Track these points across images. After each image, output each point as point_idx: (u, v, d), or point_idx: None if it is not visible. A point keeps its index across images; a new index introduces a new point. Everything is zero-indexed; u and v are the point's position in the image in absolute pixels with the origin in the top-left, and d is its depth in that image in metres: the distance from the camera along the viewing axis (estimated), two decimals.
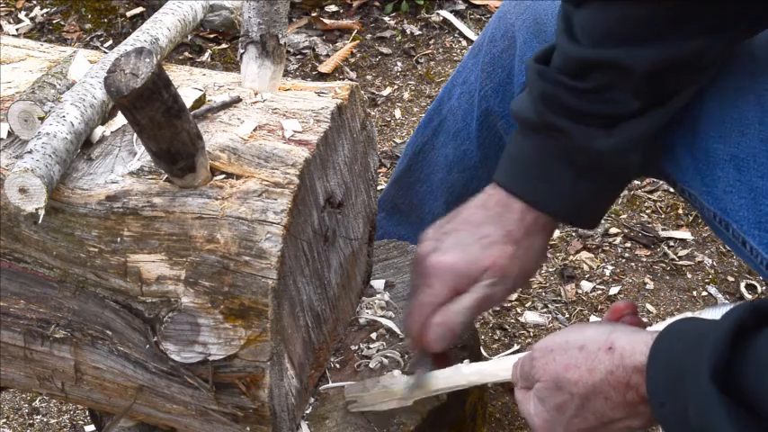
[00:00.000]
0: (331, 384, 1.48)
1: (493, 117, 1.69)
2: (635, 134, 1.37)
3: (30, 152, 1.28)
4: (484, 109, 1.70)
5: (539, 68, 1.39)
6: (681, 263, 2.37)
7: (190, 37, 3.07)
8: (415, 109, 2.86)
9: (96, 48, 3.10)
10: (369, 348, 1.53)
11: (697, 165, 1.42)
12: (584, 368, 1.20)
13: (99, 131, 1.40)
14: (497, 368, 1.36)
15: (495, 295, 1.41)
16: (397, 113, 2.87)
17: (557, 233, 2.48)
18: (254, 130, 1.37)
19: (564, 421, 1.23)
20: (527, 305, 2.31)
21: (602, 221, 2.50)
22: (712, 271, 2.34)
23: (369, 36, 3.12)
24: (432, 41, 3.09)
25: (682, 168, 1.44)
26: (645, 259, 2.39)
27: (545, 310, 2.29)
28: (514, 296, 2.33)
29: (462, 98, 1.75)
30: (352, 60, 3.04)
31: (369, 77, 2.99)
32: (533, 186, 1.40)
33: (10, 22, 3.25)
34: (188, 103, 1.32)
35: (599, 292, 2.32)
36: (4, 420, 2.15)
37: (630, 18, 1.32)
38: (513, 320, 2.29)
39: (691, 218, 2.46)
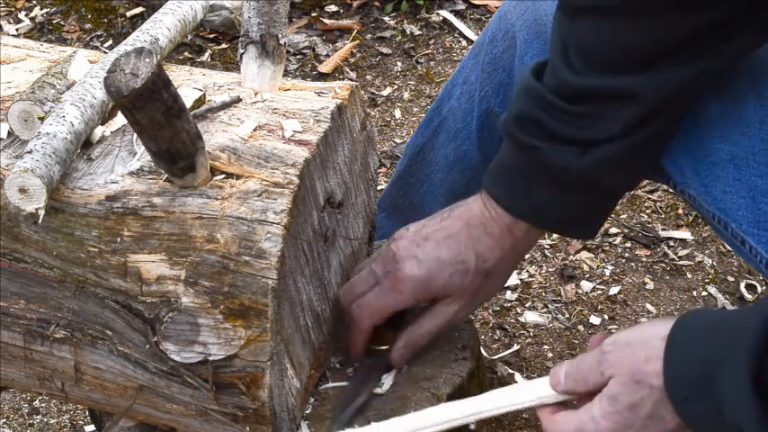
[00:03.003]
0: (331, 384, 1.47)
1: (493, 117, 1.69)
2: (607, 157, 1.37)
3: (30, 152, 1.28)
4: (484, 109, 1.70)
5: (527, 84, 1.39)
6: (681, 263, 2.37)
7: (190, 37, 3.07)
8: (415, 109, 2.86)
9: (96, 48, 3.10)
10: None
11: (696, 165, 1.42)
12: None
13: (99, 131, 1.40)
14: (504, 398, 1.28)
15: (455, 319, 1.47)
16: (397, 113, 2.87)
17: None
18: (254, 130, 1.37)
19: (637, 424, 1.13)
20: (527, 305, 2.31)
21: None
22: (712, 271, 2.34)
23: (369, 36, 3.12)
24: (432, 41, 3.09)
25: (681, 169, 1.44)
26: (645, 259, 2.39)
27: (545, 310, 2.29)
28: (514, 296, 2.33)
29: (462, 98, 1.75)
30: (352, 60, 3.04)
31: (369, 77, 2.99)
32: (521, 199, 1.40)
33: (10, 22, 3.25)
34: (188, 103, 1.32)
35: (599, 292, 2.32)
36: (4, 420, 2.15)
37: (623, 42, 1.32)
38: (512, 320, 2.29)
39: (691, 218, 2.46)
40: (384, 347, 1.49)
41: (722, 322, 1.10)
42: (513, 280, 2.37)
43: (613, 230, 2.47)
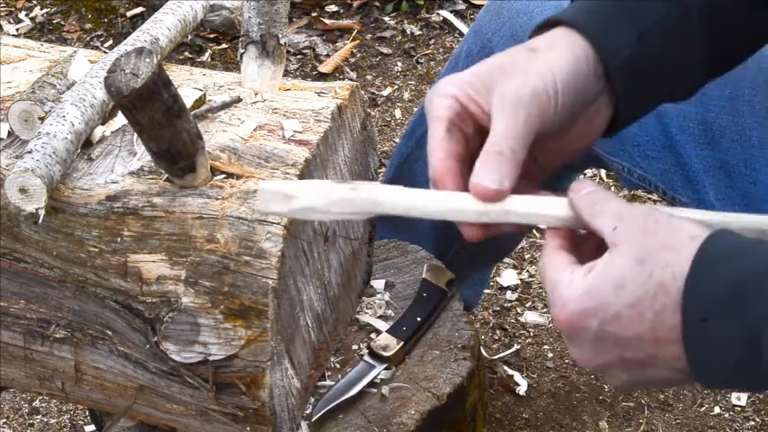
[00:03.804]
0: (329, 383, 1.48)
1: None
2: None
3: (30, 152, 1.28)
4: None
5: None
6: None
7: (190, 37, 3.07)
8: (415, 109, 2.86)
9: (96, 48, 3.10)
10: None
11: (687, 173, 1.42)
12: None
13: (99, 131, 1.40)
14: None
15: None
16: (398, 113, 2.87)
17: None
18: (255, 130, 1.37)
19: (613, 307, 0.94)
20: (527, 305, 2.31)
21: None
22: None
23: (369, 36, 3.12)
24: (432, 41, 3.09)
25: (670, 177, 1.45)
26: None
27: (545, 310, 2.29)
28: (515, 296, 2.33)
29: None
30: (353, 60, 3.04)
31: (369, 77, 2.99)
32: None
33: (10, 22, 3.25)
34: (188, 103, 1.32)
35: None
36: (4, 420, 2.15)
37: None
38: (513, 320, 2.29)
39: None
40: (385, 353, 1.49)
41: (760, 247, 0.94)
42: (514, 280, 2.37)
43: None
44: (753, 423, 2.11)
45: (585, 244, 1.01)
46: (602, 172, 2.62)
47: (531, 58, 1.03)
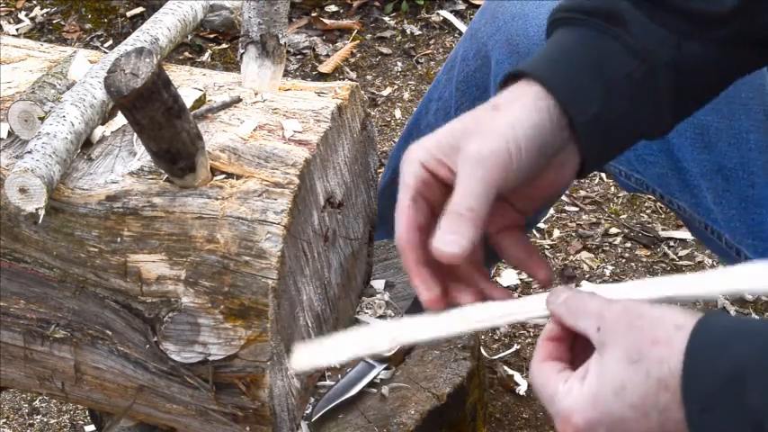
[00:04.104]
0: (329, 383, 1.47)
1: None
2: (715, 44, 1.10)
3: (30, 152, 1.28)
4: None
5: None
6: (681, 263, 2.37)
7: (190, 37, 3.07)
8: (415, 109, 2.86)
9: (96, 48, 3.10)
10: None
11: (684, 176, 1.42)
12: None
13: (99, 131, 1.40)
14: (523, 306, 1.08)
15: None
16: (398, 113, 2.87)
17: (557, 233, 2.48)
18: (255, 130, 1.37)
19: (616, 412, 0.94)
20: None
21: (602, 222, 2.50)
22: None
23: (369, 36, 3.12)
24: (432, 41, 3.09)
25: (667, 181, 1.45)
26: (645, 259, 2.39)
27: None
28: (514, 296, 2.33)
29: (439, 114, 1.75)
30: (353, 60, 3.04)
31: (369, 77, 2.99)
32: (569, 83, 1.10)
33: (10, 22, 3.25)
34: (188, 103, 1.32)
35: None
36: (4, 420, 2.15)
37: None
38: None
39: None
40: (385, 353, 1.49)
41: (753, 327, 0.95)
42: (514, 280, 2.37)
43: (613, 230, 2.47)
44: None
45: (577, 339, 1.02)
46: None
47: (493, 117, 1.05)
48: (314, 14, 3.19)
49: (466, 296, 1.10)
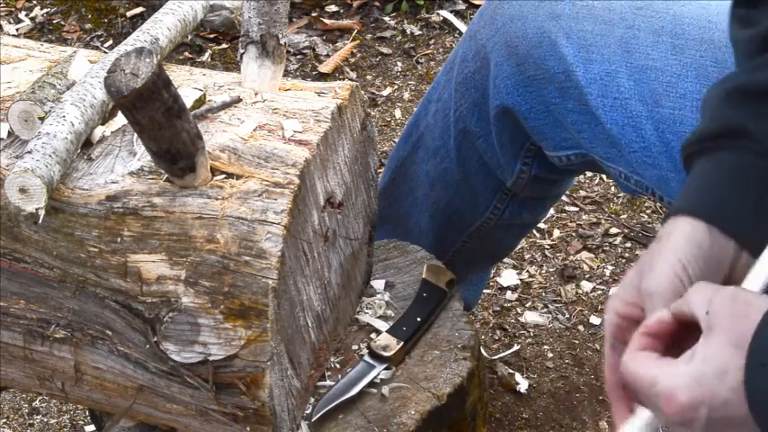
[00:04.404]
0: (329, 383, 1.48)
1: (471, 136, 1.69)
2: None
3: (30, 152, 1.28)
4: (461, 129, 1.70)
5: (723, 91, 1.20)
6: None
7: (190, 37, 3.07)
8: (415, 109, 2.86)
9: (96, 48, 3.10)
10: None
11: (684, 178, 1.42)
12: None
13: (99, 131, 1.40)
14: None
15: None
16: (398, 113, 2.87)
17: (557, 233, 2.48)
18: (255, 130, 1.37)
19: (721, 395, 0.97)
20: (527, 305, 2.31)
21: (602, 222, 2.50)
22: None
23: (369, 36, 3.12)
24: (432, 41, 3.09)
25: (667, 183, 1.45)
26: None
27: (545, 310, 2.29)
28: (515, 296, 2.33)
29: (438, 115, 1.75)
30: (353, 60, 3.04)
31: (369, 77, 2.99)
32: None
33: (10, 22, 3.25)
34: (188, 103, 1.32)
35: (599, 292, 2.32)
36: (4, 420, 2.15)
37: None
38: (513, 320, 2.29)
39: None
40: (385, 353, 1.49)
41: None
42: (514, 280, 2.37)
43: (613, 230, 2.47)
44: None
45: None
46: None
47: (658, 250, 1.12)
48: (314, 14, 3.19)
49: None
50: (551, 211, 2.49)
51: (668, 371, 1.00)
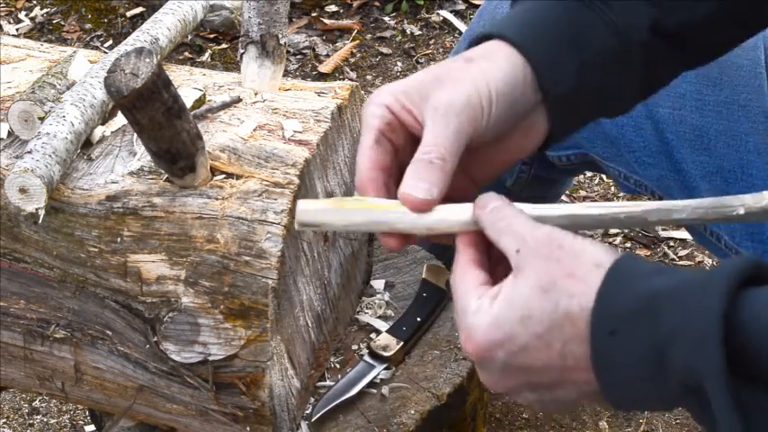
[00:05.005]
0: (329, 383, 1.47)
1: None
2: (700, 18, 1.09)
3: (30, 152, 1.28)
4: None
5: None
6: (681, 263, 2.37)
7: (190, 37, 3.07)
8: None
9: (96, 48, 3.10)
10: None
11: (683, 178, 1.42)
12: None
13: (99, 131, 1.40)
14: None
15: None
16: None
17: None
18: (254, 130, 1.37)
19: (521, 339, 0.93)
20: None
21: None
22: None
23: (369, 36, 3.12)
24: (432, 41, 3.09)
25: (667, 183, 1.45)
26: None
27: None
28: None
29: None
30: (352, 60, 3.04)
31: (369, 77, 2.99)
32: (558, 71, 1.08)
33: (10, 22, 3.25)
34: (188, 103, 1.32)
35: None
36: (4, 420, 2.15)
37: None
38: None
39: None
40: (385, 353, 1.49)
41: (669, 268, 0.93)
42: None
43: (613, 230, 2.47)
44: None
45: (495, 250, 0.99)
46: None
47: (466, 68, 1.03)
48: (314, 14, 3.19)
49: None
50: None
51: (475, 305, 0.94)
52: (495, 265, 0.99)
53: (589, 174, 2.61)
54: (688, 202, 0.99)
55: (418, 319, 1.54)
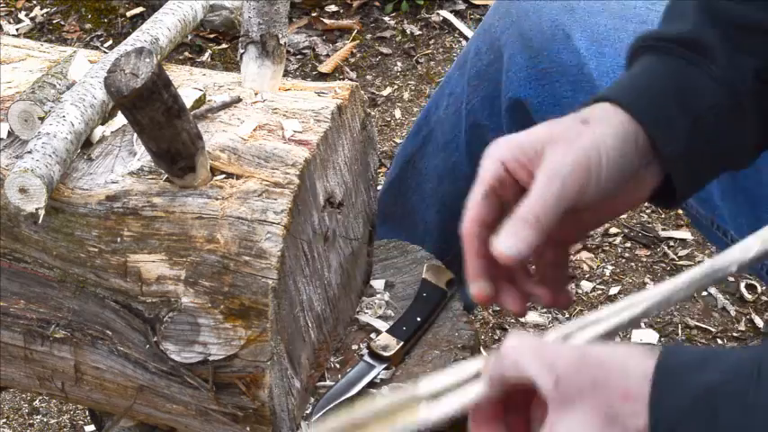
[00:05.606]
0: (329, 383, 1.48)
1: (482, 130, 1.69)
2: None
3: (30, 152, 1.28)
4: (472, 122, 1.70)
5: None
6: (681, 263, 2.37)
7: (190, 37, 3.07)
8: (415, 109, 2.86)
9: (96, 48, 3.10)
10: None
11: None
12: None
13: (99, 131, 1.40)
14: None
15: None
16: (397, 113, 2.87)
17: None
18: (254, 130, 1.37)
19: None
20: (527, 305, 2.31)
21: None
22: None
23: (369, 36, 3.12)
24: (432, 41, 3.09)
25: None
26: (645, 259, 2.39)
27: (545, 310, 2.29)
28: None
29: (449, 110, 1.75)
30: (352, 60, 3.04)
31: (369, 77, 2.99)
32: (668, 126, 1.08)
33: (10, 22, 3.25)
34: (188, 103, 1.32)
35: (599, 292, 2.32)
36: (4, 420, 2.15)
37: None
38: (513, 320, 2.29)
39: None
40: (385, 353, 1.49)
41: (713, 354, 0.91)
42: None
43: (613, 230, 2.47)
44: None
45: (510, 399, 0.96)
46: None
47: (580, 131, 1.04)
48: (314, 14, 3.19)
49: (508, 298, 1.11)
50: None
51: None
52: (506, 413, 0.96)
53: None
54: (684, 279, 0.98)
55: (418, 319, 1.54)
